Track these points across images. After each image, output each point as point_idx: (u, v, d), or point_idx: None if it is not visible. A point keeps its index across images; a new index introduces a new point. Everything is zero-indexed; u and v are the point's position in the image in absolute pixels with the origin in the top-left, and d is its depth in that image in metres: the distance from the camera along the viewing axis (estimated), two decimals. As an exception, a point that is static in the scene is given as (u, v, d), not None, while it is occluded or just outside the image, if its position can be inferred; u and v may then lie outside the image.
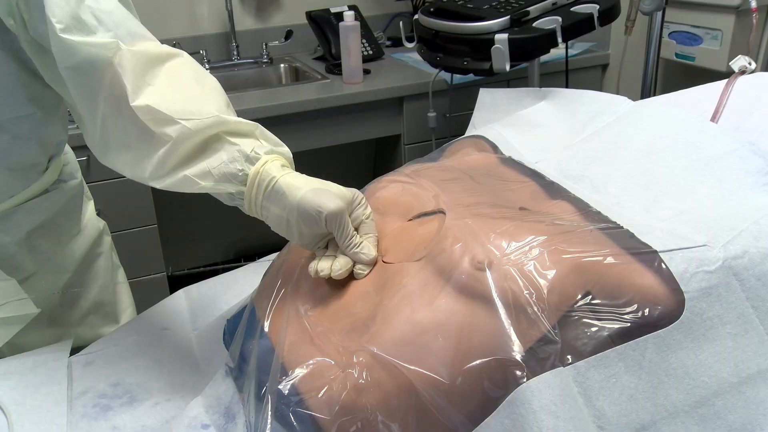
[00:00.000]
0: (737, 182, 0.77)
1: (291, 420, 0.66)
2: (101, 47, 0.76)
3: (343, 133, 2.07)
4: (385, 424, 0.62)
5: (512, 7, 1.44)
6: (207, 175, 0.77)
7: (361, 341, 0.67)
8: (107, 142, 0.82)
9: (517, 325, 0.62)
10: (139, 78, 0.77)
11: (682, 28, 1.88)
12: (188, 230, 2.49)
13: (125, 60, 0.76)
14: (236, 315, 0.88)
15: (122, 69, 0.76)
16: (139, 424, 0.80)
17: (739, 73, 0.95)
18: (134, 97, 0.76)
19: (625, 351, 0.61)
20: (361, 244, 0.76)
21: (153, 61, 0.79)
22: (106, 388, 0.86)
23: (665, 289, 0.63)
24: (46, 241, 1.02)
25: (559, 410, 0.58)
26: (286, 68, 2.37)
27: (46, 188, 0.99)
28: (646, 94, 1.77)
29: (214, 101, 0.79)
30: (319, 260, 0.76)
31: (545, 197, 0.83)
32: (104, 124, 0.80)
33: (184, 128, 0.76)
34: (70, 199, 1.05)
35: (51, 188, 1.00)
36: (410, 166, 0.95)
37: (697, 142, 0.82)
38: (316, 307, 0.75)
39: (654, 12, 1.64)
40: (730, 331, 0.64)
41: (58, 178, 1.02)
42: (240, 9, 2.37)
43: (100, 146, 0.84)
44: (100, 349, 0.95)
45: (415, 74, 2.11)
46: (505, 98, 1.17)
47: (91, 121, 0.81)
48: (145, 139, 0.77)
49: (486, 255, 0.66)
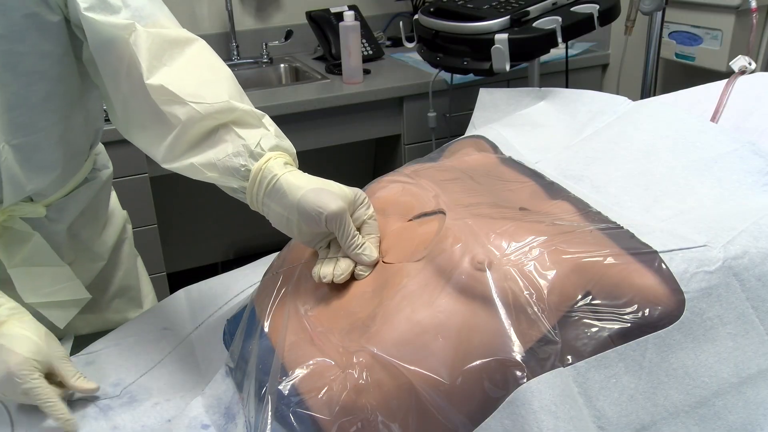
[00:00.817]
0: (737, 182, 0.77)
1: (291, 420, 0.66)
2: (120, 27, 0.79)
3: (343, 133, 2.07)
4: (385, 425, 0.62)
5: (512, 7, 1.44)
6: (213, 167, 0.78)
7: (361, 341, 0.67)
8: (128, 122, 0.86)
9: (517, 325, 0.62)
10: (155, 58, 0.79)
11: (682, 28, 1.88)
12: (188, 230, 2.49)
13: (141, 40, 0.79)
14: (236, 315, 0.88)
15: (137, 48, 0.79)
16: (139, 424, 0.80)
17: (739, 73, 0.95)
18: (148, 75, 0.78)
19: (625, 351, 0.61)
20: (363, 245, 0.76)
21: (170, 44, 0.81)
22: (106, 388, 0.86)
23: (665, 289, 0.63)
24: (84, 230, 1.06)
25: (559, 410, 0.58)
26: (286, 68, 2.37)
27: (86, 177, 1.03)
28: (646, 94, 1.77)
29: (226, 88, 0.80)
30: (321, 265, 0.76)
31: (545, 197, 0.83)
32: (125, 104, 0.84)
33: (193, 111, 0.77)
34: (103, 187, 1.08)
35: (89, 177, 1.04)
36: (410, 166, 0.95)
37: (697, 142, 0.82)
38: (316, 307, 0.75)
39: (654, 12, 1.64)
40: (730, 332, 0.64)
41: (93, 167, 1.05)
42: (240, 9, 2.37)
43: (123, 125, 0.87)
44: (100, 349, 0.95)
45: (415, 74, 2.11)
46: (505, 98, 1.17)
47: (115, 99, 0.85)
48: (158, 120, 0.79)
49: (486, 255, 0.66)
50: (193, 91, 0.78)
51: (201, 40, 0.85)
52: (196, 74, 0.81)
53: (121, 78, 0.81)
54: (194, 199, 2.35)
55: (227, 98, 0.78)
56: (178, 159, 0.80)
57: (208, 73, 0.83)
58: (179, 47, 0.82)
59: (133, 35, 0.79)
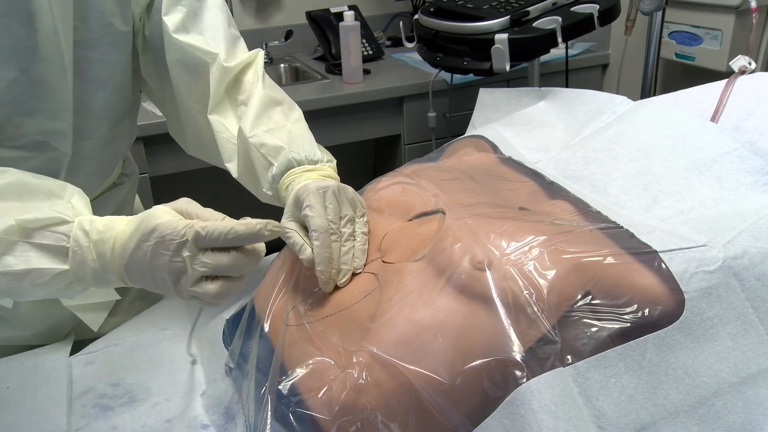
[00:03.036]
0: (737, 182, 0.77)
1: (291, 420, 0.66)
2: (203, 53, 0.90)
3: (343, 133, 2.07)
4: (385, 424, 0.62)
5: (512, 7, 1.44)
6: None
7: (361, 341, 0.67)
8: (185, 134, 0.99)
9: (517, 325, 0.62)
10: (222, 94, 0.91)
11: (682, 28, 1.88)
12: (188, 230, 2.48)
13: (217, 72, 0.90)
14: (236, 315, 0.88)
15: (212, 79, 0.89)
16: (139, 424, 0.80)
17: (739, 73, 0.95)
18: (211, 109, 0.91)
19: (625, 351, 0.61)
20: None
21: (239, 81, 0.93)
22: (106, 388, 0.86)
23: (665, 289, 0.63)
24: None
25: (558, 410, 0.58)
26: (286, 68, 2.37)
27: (114, 182, 1.04)
28: (646, 94, 1.77)
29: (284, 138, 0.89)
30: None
31: (545, 197, 0.83)
32: (188, 119, 0.96)
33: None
34: (130, 190, 1.10)
35: (117, 182, 1.05)
36: (410, 166, 0.95)
37: (697, 142, 0.82)
38: (316, 307, 0.75)
39: (654, 12, 1.64)
40: (730, 331, 0.64)
41: (122, 172, 1.07)
42: (240, 9, 2.37)
43: (180, 135, 1.01)
44: (100, 348, 0.95)
45: (415, 74, 2.11)
46: (505, 98, 1.16)
47: (180, 112, 0.96)
48: (214, 141, 0.92)
49: (486, 255, 0.66)
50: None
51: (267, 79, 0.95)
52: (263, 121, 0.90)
53: (191, 97, 0.93)
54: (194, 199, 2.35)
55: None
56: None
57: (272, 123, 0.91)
58: (247, 92, 0.92)
59: (215, 66, 0.90)
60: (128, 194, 1.10)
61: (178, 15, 0.89)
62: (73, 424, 0.81)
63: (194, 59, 0.90)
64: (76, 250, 0.66)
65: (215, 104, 0.91)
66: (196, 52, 0.89)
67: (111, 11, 0.85)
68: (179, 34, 0.89)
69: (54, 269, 0.65)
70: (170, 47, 0.89)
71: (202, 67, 0.90)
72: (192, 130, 0.98)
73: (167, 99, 0.98)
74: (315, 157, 0.87)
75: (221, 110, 0.92)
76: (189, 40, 0.89)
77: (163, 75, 0.94)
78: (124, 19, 0.87)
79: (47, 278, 0.66)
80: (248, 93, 0.92)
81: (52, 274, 0.65)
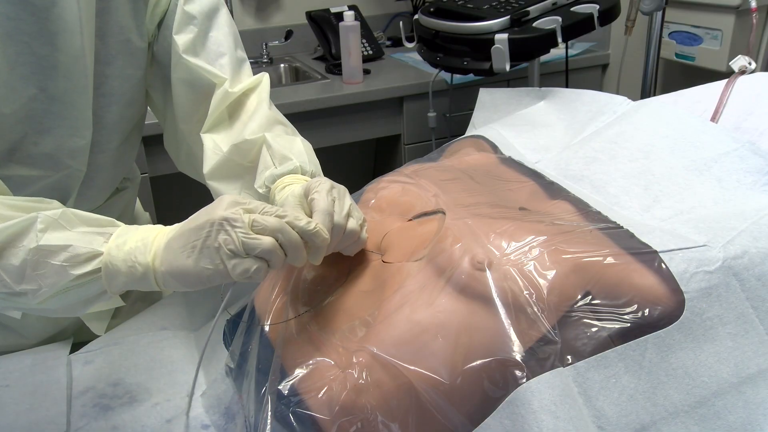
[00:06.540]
0: (737, 182, 0.77)
1: (291, 420, 0.66)
2: (211, 75, 0.90)
3: (343, 133, 2.07)
4: (385, 424, 0.62)
5: (512, 7, 1.44)
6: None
7: (361, 341, 0.67)
8: (178, 149, 1.00)
9: (517, 325, 0.62)
10: (219, 115, 0.91)
11: (682, 28, 1.88)
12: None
13: (220, 95, 0.89)
14: (236, 315, 0.88)
15: (213, 101, 0.89)
16: (139, 424, 0.80)
17: (739, 73, 0.95)
18: (206, 129, 0.90)
19: (625, 351, 0.61)
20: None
21: (241, 104, 0.92)
22: (106, 388, 0.86)
23: (665, 289, 0.63)
24: None
25: (559, 410, 0.58)
26: (286, 68, 2.37)
27: (117, 187, 1.05)
28: (646, 94, 1.77)
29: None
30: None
31: (545, 197, 0.83)
32: (184, 137, 0.96)
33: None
34: (132, 194, 1.11)
35: (120, 187, 1.06)
36: (410, 166, 0.95)
37: (697, 142, 0.82)
38: (316, 307, 0.75)
39: (654, 12, 1.64)
40: (730, 331, 0.64)
41: (125, 177, 1.07)
42: (240, 9, 2.37)
43: (174, 149, 1.02)
44: (99, 347, 0.95)
45: (415, 74, 2.11)
46: (505, 98, 1.17)
47: (178, 128, 0.96)
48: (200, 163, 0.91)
49: (486, 255, 0.66)
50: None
51: (272, 107, 0.96)
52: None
53: (193, 116, 0.93)
54: (194, 199, 2.34)
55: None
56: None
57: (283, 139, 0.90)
58: (248, 114, 0.91)
59: (220, 90, 0.89)
60: (131, 198, 1.10)
61: (188, 35, 0.89)
62: (72, 423, 0.80)
63: (201, 81, 0.90)
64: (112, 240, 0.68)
65: (211, 125, 0.91)
66: (204, 74, 0.89)
67: (128, 27, 0.85)
68: (188, 55, 0.88)
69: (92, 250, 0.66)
70: (178, 66, 0.89)
71: (207, 89, 0.90)
72: (185, 149, 0.98)
73: (167, 113, 0.98)
74: (319, 173, 0.88)
75: (216, 130, 0.92)
76: (198, 62, 0.89)
77: (167, 90, 0.94)
78: (141, 35, 0.88)
79: (82, 258, 0.65)
80: (250, 114, 0.91)
81: (88, 251, 0.65)
